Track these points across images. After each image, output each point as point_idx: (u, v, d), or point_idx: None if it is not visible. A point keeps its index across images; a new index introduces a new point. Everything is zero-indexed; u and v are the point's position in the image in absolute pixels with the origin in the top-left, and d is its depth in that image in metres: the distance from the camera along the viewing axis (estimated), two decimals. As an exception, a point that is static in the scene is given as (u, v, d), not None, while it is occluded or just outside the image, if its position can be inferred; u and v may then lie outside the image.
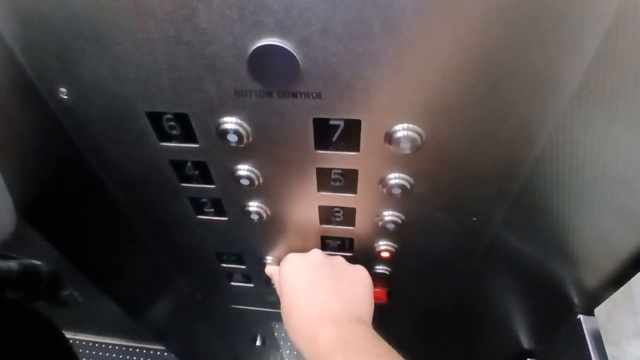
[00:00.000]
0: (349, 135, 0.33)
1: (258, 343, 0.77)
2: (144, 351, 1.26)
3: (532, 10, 0.23)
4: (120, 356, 1.26)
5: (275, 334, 0.75)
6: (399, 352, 0.36)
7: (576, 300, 0.44)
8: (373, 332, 0.38)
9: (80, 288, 0.69)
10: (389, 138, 0.32)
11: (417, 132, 0.31)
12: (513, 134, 0.31)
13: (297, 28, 0.26)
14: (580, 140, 0.30)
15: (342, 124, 0.32)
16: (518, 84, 0.27)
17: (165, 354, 1.25)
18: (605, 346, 0.40)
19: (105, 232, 0.53)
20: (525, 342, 0.54)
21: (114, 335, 1.27)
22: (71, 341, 1.22)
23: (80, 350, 1.26)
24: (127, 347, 1.27)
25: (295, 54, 0.27)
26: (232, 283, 0.60)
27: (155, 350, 1.26)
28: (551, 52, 0.25)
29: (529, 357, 0.55)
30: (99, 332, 1.27)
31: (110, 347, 1.27)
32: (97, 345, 1.27)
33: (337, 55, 0.27)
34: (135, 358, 1.25)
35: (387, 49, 0.26)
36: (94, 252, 0.58)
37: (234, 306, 0.66)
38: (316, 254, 0.45)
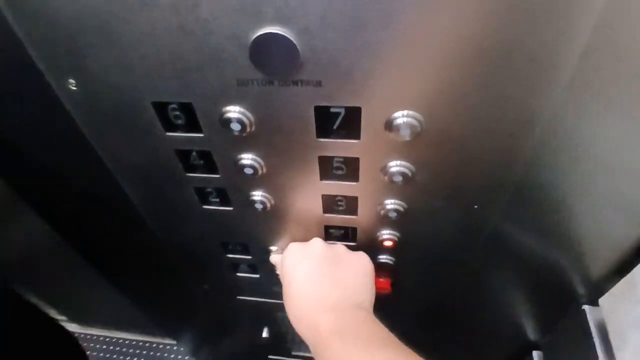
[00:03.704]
0: (349, 123, 0.33)
1: (264, 334, 0.78)
2: (154, 345, 1.28)
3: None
4: (131, 350, 1.28)
5: (282, 325, 0.76)
6: (402, 341, 0.36)
7: (580, 291, 0.44)
8: (373, 317, 0.38)
9: (87, 280, 0.70)
10: (389, 125, 0.32)
11: (416, 119, 0.31)
12: (510, 121, 0.31)
13: (296, 17, 0.27)
14: (575, 127, 0.30)
15: (342, 111, 0.33)
16: (513, 71, 0.27)
17: (175, 347, 1.26)
18: (610, 336, 0.40)
19: (111, 223, 0.54)
20: (530, 333, 0.54)
21: (123, 329, 1.29)
22: (82, 336, 1.25)
23: (92, 345, 1.28)
24: (138, 341, 1.29)
25: (295, 42, 0.28)
26: (238, 274, 0.60)
27: (165, 345, 1.28)
28: (545, 38, 0.25)
29: (534, 348, 0.55)
30: (108, 326, 1.29)
31: (120, 341, 1.29)
32: (107, 339, 1.29)
33: (336, 44, 0.28)
34: (145, 352, 1.27)
35: (385, 38, 0.27)
36: (100, 242, 0.59)
37: (240, 297, 0.67)
38: (317, 243, 0.45)
